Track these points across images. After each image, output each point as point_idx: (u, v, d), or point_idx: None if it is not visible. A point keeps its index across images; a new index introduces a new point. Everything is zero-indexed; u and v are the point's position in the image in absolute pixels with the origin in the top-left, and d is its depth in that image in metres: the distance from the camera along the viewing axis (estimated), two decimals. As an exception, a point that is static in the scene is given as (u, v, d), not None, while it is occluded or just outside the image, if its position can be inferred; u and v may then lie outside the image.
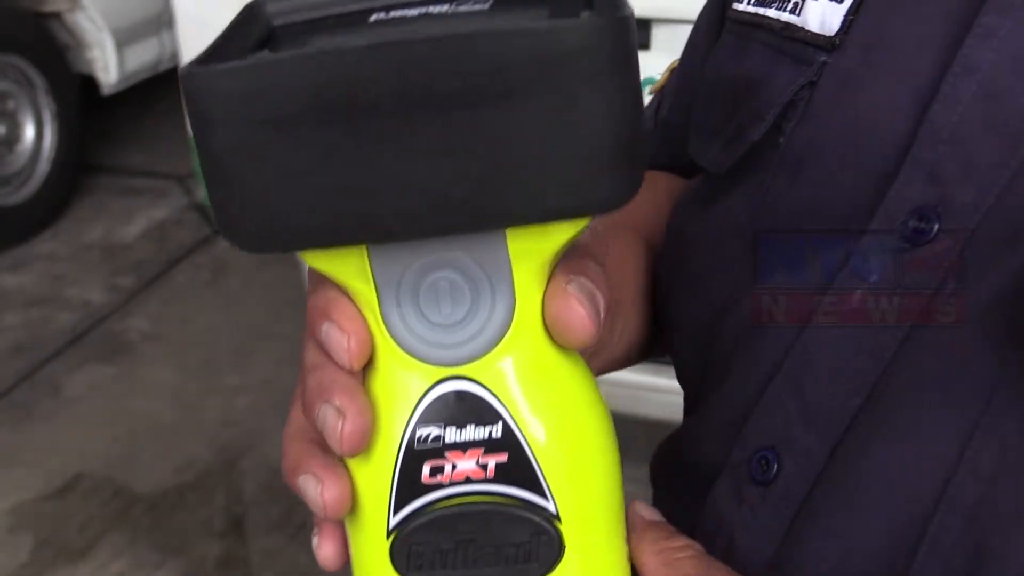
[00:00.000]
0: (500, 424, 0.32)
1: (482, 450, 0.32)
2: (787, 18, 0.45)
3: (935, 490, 0.37)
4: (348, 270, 0.31)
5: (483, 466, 0.32)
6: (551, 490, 0.32)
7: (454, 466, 0.32)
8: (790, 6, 0.45)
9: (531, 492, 0.32)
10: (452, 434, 0.32)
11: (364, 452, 0.32)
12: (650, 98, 0.64)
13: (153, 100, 3.75)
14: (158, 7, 3.31)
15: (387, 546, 0.33)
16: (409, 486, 0.32)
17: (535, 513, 0.32)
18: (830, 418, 0.40)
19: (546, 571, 0.32)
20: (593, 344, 0.32)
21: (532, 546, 0.32)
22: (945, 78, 0.39)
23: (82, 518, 2.06)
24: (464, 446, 0.32)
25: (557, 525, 0.32)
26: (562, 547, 0.32)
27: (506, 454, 0.32)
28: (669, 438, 0.55)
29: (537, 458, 0.32)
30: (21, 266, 3.00)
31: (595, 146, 0.27)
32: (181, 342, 2.63)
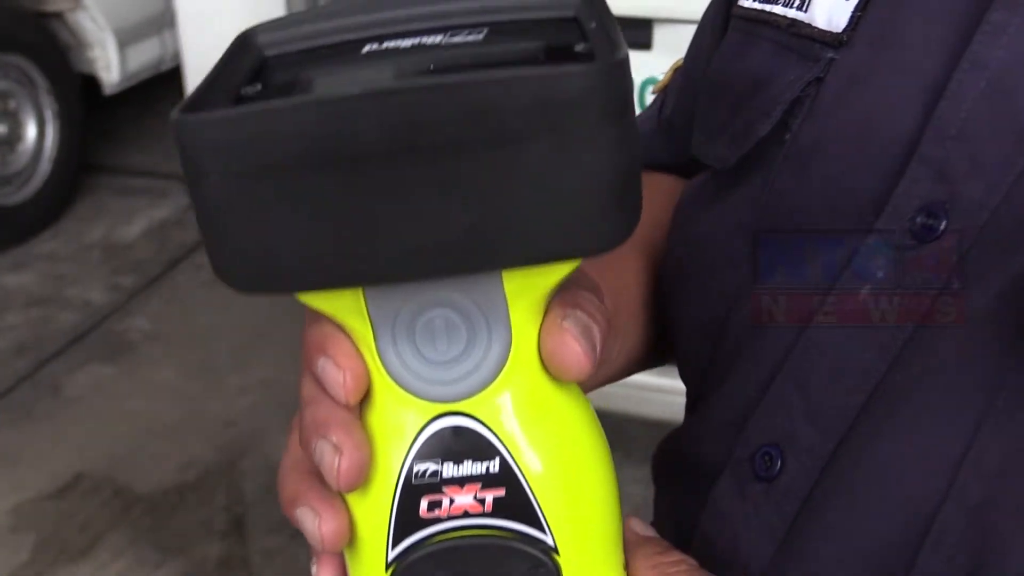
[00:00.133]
0: (497, 459, 0.32)
1: (479, 485, 0.32)
2: (794, 15, 0.45)
3: (939, 488, 0.37)
4: (343, 308, 0.31)
5: (481, 500, 0.32)
6: (549, 523, 0.32)
7: (452, 500, 0.32)
8: (797, 2, 0.45)
9: (529, 526, 0.32)
10: (449, 469, 0.32)
11: (362, 486, 0.32)
12: (652, 97, 0.64)
13: (154, 100, 3.75)
14: (160, 7, 3.31)
15: None
16: (407, 520, 0.32)
17: (533, 546, 0.32)
18: (834, 415, 0.40)
19: None
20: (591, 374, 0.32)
21: None
22: (953, 75, 0.39)
23: (83, 518, 2.06)
24: (461, 481, 0.32)
25: (555, 558, 0.32)
26: None
27: (504, 489, 0.32)
28: (670, 436, 0.55)
29: (535, 492, 0.32)
30: (22, 266, 3.00)
31: (591, 190, 0.27)
32: (182, 342, 2.63)
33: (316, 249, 0.27)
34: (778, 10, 0.46)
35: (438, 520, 0.32)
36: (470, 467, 0.32)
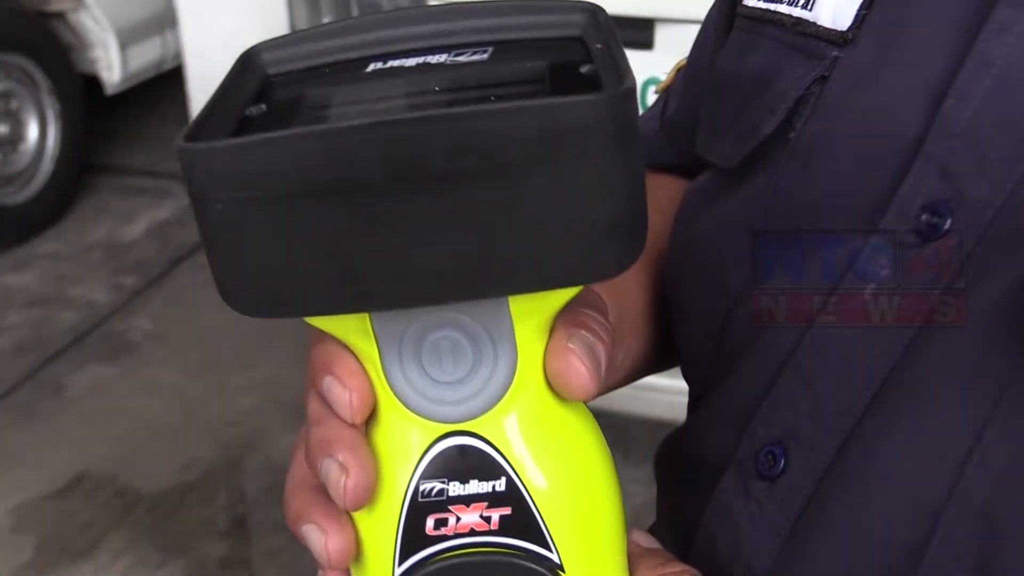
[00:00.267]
0: (504, 479, 0.32)
1: (485, 504, 0.32)
2: (798, 13, 0.45)
3: (945, 486, 0.37)
4: (349, 329, 0.32)
5: (487, 519, 0.32)
6: (554, 541, 0.32)
7: (458, 519, 0.32)
8: (801, 1, 0.45)
9: (535, 544, 0.32)
10: (456, 488, 0.32)
11: (368, 505, 0.32)
12: (655, 97, 0.64)
13: (156, 100, 3.75)
14: (161, 7, 3.31)
15: None
16: (414, 537, 0.32)
17: (539, 564, 0.32)
18: (839, 412, 0.40)
19: None
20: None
21: None
22: (959, 73, 0.38)
23: (84, 518, 2.06)
24: (468, 499, 0.32)
25: (560, 575, 0.33)
26: None
27: (510, 507, 0.32)
28: (672, 435, 0.55)
29: (540, 511, 0.32)
30: (24, 266, 3.00)
31: (597, 218, 0.27)
32: (184, 342, 2.63)
33: (322, 275, 0.28)
34: (783, 9, 0.46)
35: (444, 538, 0.32)
36: (476, 486, 0.32)
